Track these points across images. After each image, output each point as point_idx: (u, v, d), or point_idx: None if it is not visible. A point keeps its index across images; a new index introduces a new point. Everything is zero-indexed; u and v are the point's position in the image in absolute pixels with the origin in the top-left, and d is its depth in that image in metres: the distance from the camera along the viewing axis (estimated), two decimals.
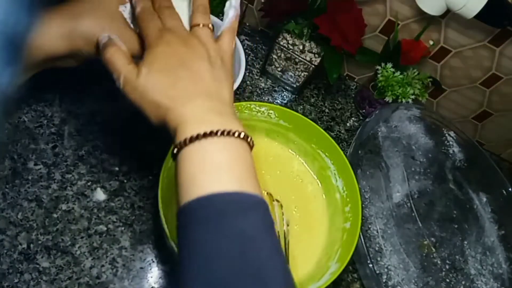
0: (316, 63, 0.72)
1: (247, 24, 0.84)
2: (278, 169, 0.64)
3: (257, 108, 0.60)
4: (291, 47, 0.72)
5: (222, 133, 0.37)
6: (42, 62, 0.44)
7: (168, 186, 0.55)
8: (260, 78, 0.78)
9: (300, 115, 0.61)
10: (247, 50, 0.80)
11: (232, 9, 0.46)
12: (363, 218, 0.56)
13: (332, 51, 0.69)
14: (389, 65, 0.72)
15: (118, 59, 0.41)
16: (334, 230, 0.59)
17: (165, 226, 0.47)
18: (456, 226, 0.71)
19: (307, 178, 0.64)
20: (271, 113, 0.61)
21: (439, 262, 0.66)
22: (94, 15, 0.44)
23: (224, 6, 0.72)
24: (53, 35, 0.42)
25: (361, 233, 0.57)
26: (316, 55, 0.73)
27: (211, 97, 0.40)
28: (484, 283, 0.67)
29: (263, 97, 0.77)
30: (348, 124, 0.80)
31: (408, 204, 0.68)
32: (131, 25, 0.47)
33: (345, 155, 0.60)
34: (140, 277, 0.54)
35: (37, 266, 0.51)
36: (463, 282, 0.66)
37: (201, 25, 0.44)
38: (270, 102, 0.75)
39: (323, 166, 0.63)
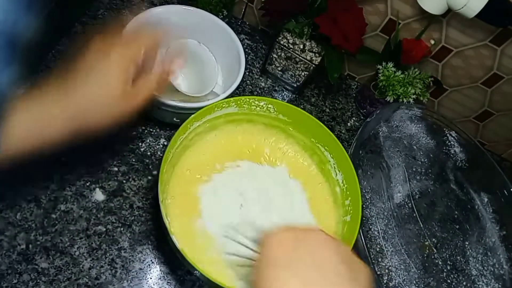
0: (316, 63, 0.72)
1: (247, 23, 0.83)
2: (277, 163, 0.64)
3: (256, 102, 0.60)
4: (291, 46, 0.72)
5: None
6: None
7: (167, 185, 0.55)
8: (260, 78, 0.78)
9: (298, 109, 0.61)
10: (247, 50, 0.80)
11: None
12: (364, 218, 0.56)
13: (332, 50, 0.69)
14: (390, 64, 0.72)
15: None
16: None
17: (165, 220, 0.47)
18: (457, 226, 0.70)
19: None
20: (270, 107, 0.61)
21: (440, 262, 0.66)
22: (100, 112, 0.44)
23: (223, 5, 0.73)
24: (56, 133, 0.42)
25: (362, 234, 0.56)
26: (317, 55, 0.72)
27: None
28: (486, 284, 0.66)
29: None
30: (349, 124, 0.79)
31: (409, 204, 0.68)
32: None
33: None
34: (139, 278, 0.53)
35: (36, 266, 0.50)
36: (464, 283, 0.65)
37: None
38: None
39: (323, 160, 0.62)
